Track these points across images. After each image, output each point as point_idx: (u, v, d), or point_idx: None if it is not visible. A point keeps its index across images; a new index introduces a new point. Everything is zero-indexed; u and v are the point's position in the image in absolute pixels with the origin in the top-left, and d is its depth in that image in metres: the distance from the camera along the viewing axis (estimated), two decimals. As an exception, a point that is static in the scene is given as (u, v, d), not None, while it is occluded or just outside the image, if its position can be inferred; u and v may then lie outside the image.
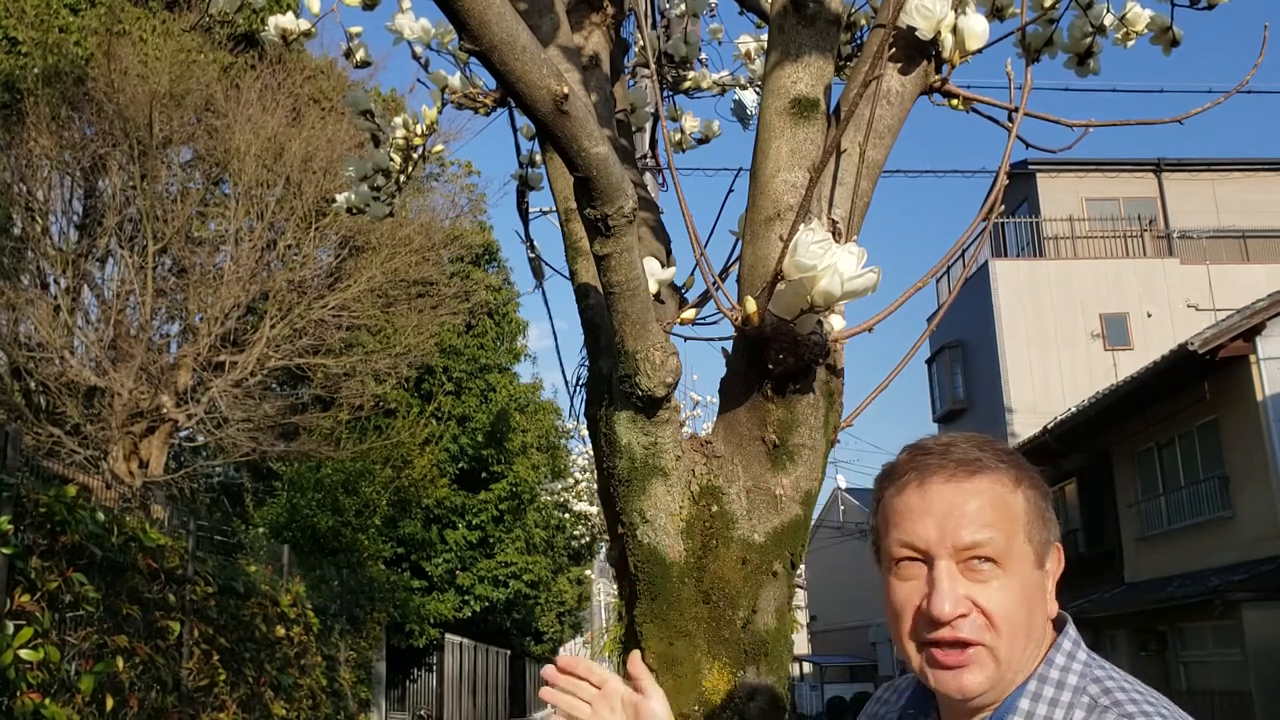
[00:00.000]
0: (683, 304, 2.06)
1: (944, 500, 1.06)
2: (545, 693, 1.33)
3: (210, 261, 12.03)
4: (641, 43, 3.29)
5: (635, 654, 1.29)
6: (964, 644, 1.04)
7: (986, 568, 1.04)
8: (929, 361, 23.10)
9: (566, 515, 21.54)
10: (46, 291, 11.06)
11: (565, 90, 1.31)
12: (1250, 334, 12.88)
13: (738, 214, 2.01)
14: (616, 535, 1.81)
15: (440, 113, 2.38)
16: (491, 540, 19.81)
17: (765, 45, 2.24)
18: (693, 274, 2.10)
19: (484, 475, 19.87)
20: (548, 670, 1.33)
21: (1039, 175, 21.36)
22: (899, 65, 1.91)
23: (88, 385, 10.49)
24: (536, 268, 5.46)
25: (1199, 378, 13.43)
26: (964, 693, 1.05)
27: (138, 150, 10.90)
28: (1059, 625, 1.11)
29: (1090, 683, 1.04)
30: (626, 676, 1.32)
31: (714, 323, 2.03)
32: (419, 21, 2.40)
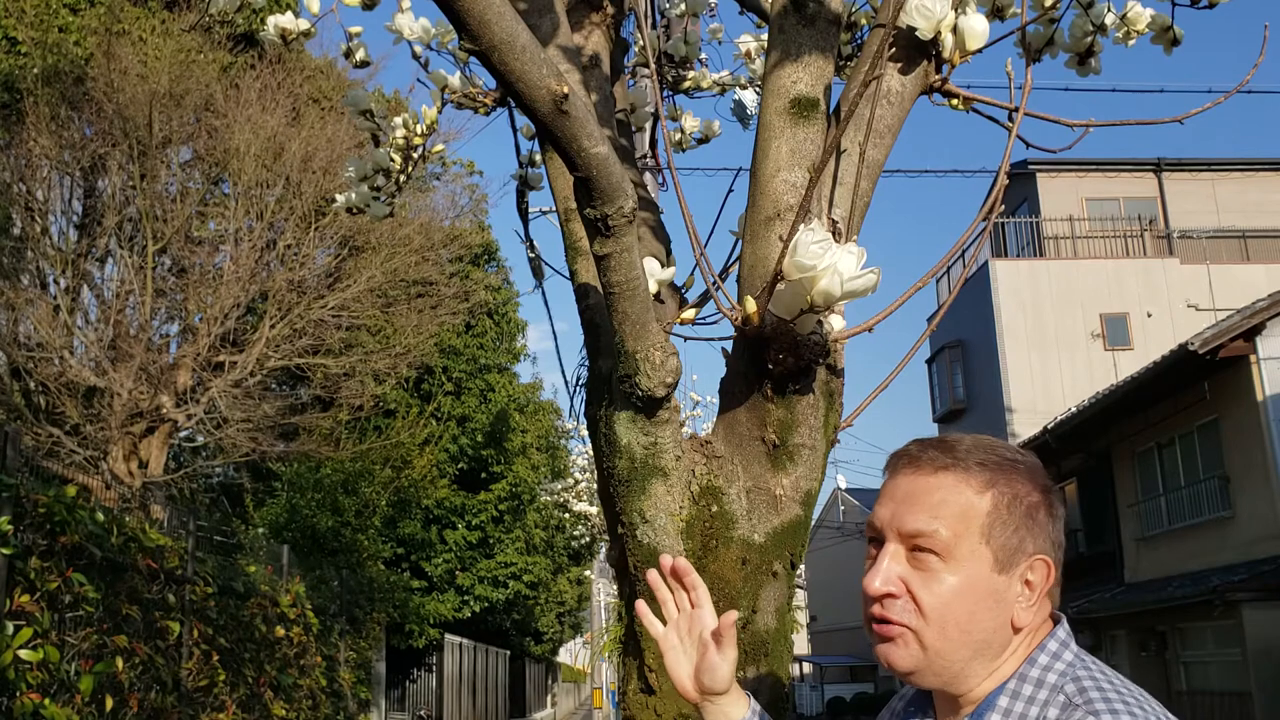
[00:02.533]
0: (683, 304, 2.05)
1: (902, 489, 1.13)
2: (640, 606, 1.36)
3: (210, 261, 12.03)
4: (641, 43, 3.28)
5: (731, 614, 1.27)
6: (889, 621, 1.10)
7: (930, 559, 1.09)
8: (929, 361, 23.10)
9: (566, 515, 21.51)
10: (46, 291, 11.05)
11: (565, 90, 1.31)
12: (1250, 334, 12.88)
13: (738, 214, 2.01)
14: (616, 535, 1.81)
15: (440, 112, 2.38)
16: (491, 540, 19.80)
17: (765, 45, 2.24)
18: (693, 274, 2.10)
19: (484, 475, 19.86)
20: (653, 576, 1.34)
21: (1039, 175, 21.35)
22: (899, 65, 1.91)
23: (87, 385, 10.48)
24: (536, 268, 5.46)
25: (1199, 378, 13.43)
26: (890, 666, 1.11)
27: (137, 150, 10.90)
28: (1054, 623, 1.13)
29: (1069, 681, 1.06)
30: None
31: (714, 323, 2.03)
32: (419, 21, 2.39)
